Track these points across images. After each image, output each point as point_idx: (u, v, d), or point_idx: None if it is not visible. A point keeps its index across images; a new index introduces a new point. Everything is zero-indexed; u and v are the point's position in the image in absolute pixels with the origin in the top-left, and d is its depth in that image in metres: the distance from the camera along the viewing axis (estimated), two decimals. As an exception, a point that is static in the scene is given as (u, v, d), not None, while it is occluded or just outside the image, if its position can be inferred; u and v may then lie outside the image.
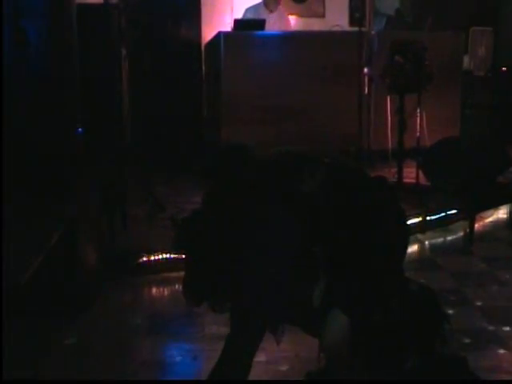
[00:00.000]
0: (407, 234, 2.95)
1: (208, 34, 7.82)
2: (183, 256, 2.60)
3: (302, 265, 2.67)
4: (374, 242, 2.65)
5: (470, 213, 5.58)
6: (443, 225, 5.80)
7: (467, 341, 3.63)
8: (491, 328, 3.87)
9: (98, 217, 4.63)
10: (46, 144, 4.14)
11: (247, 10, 7.96)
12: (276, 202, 2.52)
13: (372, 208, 2.68)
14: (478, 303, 4.22)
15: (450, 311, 3.82)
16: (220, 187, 2.73)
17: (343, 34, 7.70)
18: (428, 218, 5.69)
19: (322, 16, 9.25)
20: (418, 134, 6.25)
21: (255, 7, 7.96)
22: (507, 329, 3.85)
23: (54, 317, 3.82)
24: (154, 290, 4.61)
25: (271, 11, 7.88)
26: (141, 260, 4.75)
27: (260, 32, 7.41)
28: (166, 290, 4.59)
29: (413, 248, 5.34)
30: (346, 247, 2.65)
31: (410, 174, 6.39)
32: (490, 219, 6.11)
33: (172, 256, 4.74)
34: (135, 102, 7.35)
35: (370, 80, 7.02)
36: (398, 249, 2.80)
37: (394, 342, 2.64)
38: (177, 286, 4.59)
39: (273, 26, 7.80)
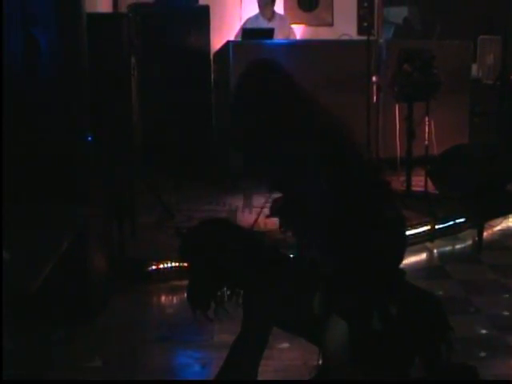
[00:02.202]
0: (405, 238, 2.94)
1: (217, 42, 7.85)
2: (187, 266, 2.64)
3: (302, 273, 2.69)
4: (371, 244, 2.66)
5: (479, 221, 5.58)
6: (452, 233, 5.79)
7: (476, 349, 3.63)
8: (500, 336, 3.87)
9: (107, 225, 4.65)
10: (55, 151, 4.16)
11: (248, 20, 8.05)
12: None
13: (369, 209, 2.69)
14: (487, 311, 4.21)
15: (459, 319, 3.81)
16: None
17: (351, 42, 7.72)
18: (437, 226, 5.68)
19: (331, 25, 9.28)
20: (426, 142, 6.25)
21: (254, 17, 8.01)
22: (516, 337, 3.85)
23: (63, 324, 3.83)
24: (163, 298, 4.63)
25: (269, 20, 7.92)
26: (150, 268, 4.77)
27: (268, 41, 7.43)
28: (175, 297, 4.60)
29: (421, 256, 5.34)
30: (343, 252, 2.67)
31: (419, 182, 6.39)
32: (499, 227, 6.09)
33: (181, 264, 4.75)
34: (145, 110, 7.38)
35: (378, 88, 7.03)
36: (396, 252, 2.80)
37: (395, 348, 2.65)
38: (185, 294, 4.60)
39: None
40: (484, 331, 3.93)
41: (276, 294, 2.61)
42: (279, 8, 8.09)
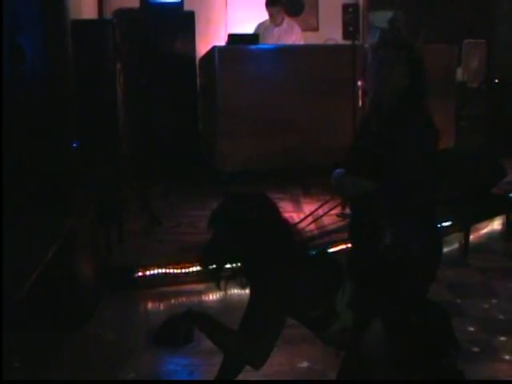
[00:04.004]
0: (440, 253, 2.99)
1: (203, 48, 7.86)
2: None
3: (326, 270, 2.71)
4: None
5: (465, 224, 5.60)
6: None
7: (463, 352, 3.63)
8: (487, 339, 3.88)
9: (94, 231, 4.63)
10: (42, 159, 4.14)
11: (257, 27, 8.11)
12: None
13: None
14: (474, 314, 4.23)
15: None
16: None
17: (337, 47, 7.73)
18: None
19: (316, 29, 9.30)
20: (412, 145, 6.25)
21: (263, 23, 8.07)
22: (503, 339, 3.87)
23: (50, 331, 3.81)
24: (150, 305, 4.61)
25: (276, 25, 7.97)
26: (137, 274, 4.75)
27: (254, 46, 7.45)
28: (162, 304, 4.59)
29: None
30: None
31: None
32: (485, 230, 6.12)
33: (168, 271, 4.76)
34: (131, 116, 7.37)
35: (364, 93, 7.04)
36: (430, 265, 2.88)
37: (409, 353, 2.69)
38: (173, 301, 4.60)
39: (278, 39, 7.89)
40: (472, 334, 3.94)
41: (292, 290, 2.61)
42: (265, 12, 8.10)
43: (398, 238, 2.76)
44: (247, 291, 2.72)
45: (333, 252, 4.83)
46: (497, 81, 9.35)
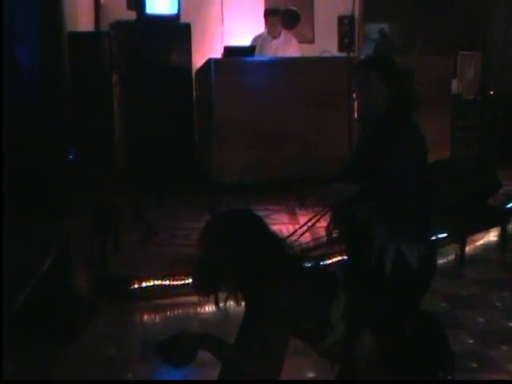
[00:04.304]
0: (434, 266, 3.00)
1: (199, 60, 7.88)
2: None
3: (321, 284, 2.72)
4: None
5: (461, 235, 5.60)
6: (434, 248, 5.80)
7: (461, 363, 3.63)
8: (483, 350, 3.87)
9: (89, 242, 4.62)
10: (37, 169, 4.14)
11: (254, 39, 8.11)
12: None
13: None
14: (470, 326, 4.22)
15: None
16: None
17: (332, 59, 7.77)
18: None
19: (312, 42, 9.34)
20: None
21: (261, 35, 8.09)
22: (499, 351, 3.86)
23: (45, 343, 3.80)
24: (145, 317, 4.60)
25: (274, 37, 7.99)
26: (133, 286, 4.74)
27: (250, 58, 7.48)
28: (157, 316, 4.57)
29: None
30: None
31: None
32: (481, 242, 6.12)
33: (163, 282, 4.75)
34: (127, 128, 7.38)
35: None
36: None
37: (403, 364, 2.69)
38: (168, 313, 4.58)
39: (276, 51, 7.92)
40: (468, 345, 3.93)
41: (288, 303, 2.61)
42: (261, 25, 8.14)
43: (392, 247, 2.76)
44: (242, 303, 2.72)
45: (328, 264, 4.83)
46: (492, 92, 9.39)
